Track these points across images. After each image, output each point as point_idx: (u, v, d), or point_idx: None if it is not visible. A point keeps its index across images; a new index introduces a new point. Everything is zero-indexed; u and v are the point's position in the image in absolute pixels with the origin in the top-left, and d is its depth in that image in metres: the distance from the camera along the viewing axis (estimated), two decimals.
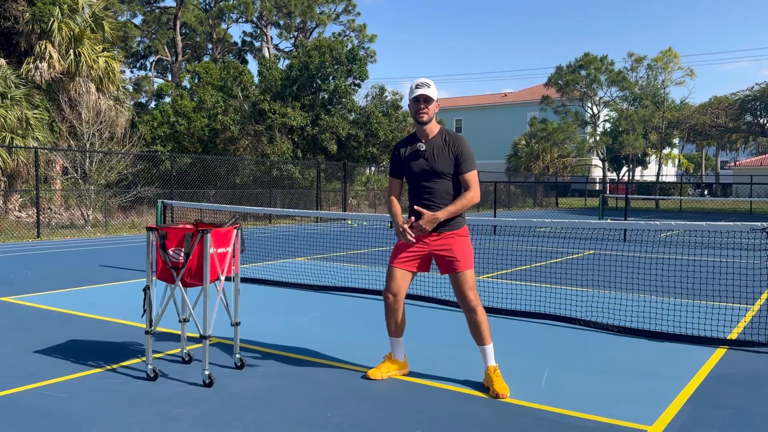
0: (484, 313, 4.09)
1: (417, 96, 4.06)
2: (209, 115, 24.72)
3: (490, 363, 4.08)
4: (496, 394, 3.91)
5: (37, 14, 18.37)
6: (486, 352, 4.09)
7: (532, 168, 43.78)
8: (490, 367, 4.06)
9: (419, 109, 4.07)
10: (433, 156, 4.09)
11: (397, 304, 4.16)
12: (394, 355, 4.33)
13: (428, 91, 4.06)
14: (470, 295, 4.04)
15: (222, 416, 3.56)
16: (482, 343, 4.10)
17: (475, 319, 4.06)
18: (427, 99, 4.06)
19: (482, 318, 4.07)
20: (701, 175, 63.37)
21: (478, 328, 4.07)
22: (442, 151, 4.08)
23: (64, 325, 5.68)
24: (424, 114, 4.07)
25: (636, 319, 6.09)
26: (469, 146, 4.14)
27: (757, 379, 4.34)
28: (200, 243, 4.01)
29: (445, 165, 4.07)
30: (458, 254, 4.05)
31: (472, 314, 4.06)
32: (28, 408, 3.65)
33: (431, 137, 4.14)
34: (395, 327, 4.25)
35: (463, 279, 4.04)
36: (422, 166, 4.10)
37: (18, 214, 17.88)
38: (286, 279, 8.39)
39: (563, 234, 16.54)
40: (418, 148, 4.13)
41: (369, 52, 35.16)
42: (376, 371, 4.26)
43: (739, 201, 36.32)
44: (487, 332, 4.09)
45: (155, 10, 39.64)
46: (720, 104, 45.66)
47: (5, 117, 16.94)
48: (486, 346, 4.09)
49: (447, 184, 4.09)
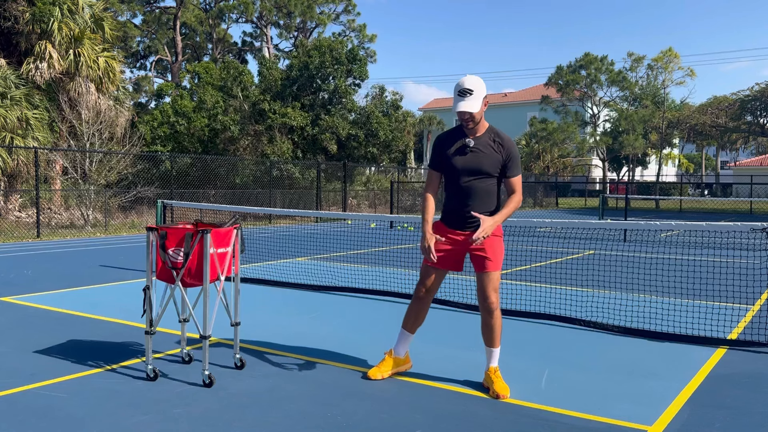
0: (500, 317, 4.07)
1: (459, 112, 3.92)
2: (209, 115, 24.73)
3: (493, 364, 4.08)
4: (497, 394, 3.90)
5: (37, 14, 18.37)
6: (492, 353, 4.09)
7: (533, 168, 43.78)
8: (491, 368, 4.06)
9: (465, 121, 3.96)
10: (481, 153, 3.97)
11: (428, 298, 4.15)
12: (396, 351, 4.30)
13: (469, 104, 3.87)
14: (493, 297, 4.01)
15: (222, 416, 3.56)
16: (492, 345, 4.08)
17: (491, 322, 4.04)
18: (471, 116, 3.92)
19: (498, 322, 4.05)
20: (701, 175, 63.38)
21: (493, 330, 4.06)
22: (492, 150, 3.98)
23: (64, 325, 5.68)
24: (470, 125, 3.97)
25: (636, 319, 6.09)
26: (517, 149, 4.03)
27: (757, 379, 4.34)
28: (200, 243, 4.01)
29: (492, 165, 3.97)
30: (491, 254, 4.00)
31: (489, 317, 4.03)
32: (28, 408, 3.65)
33: (479, 134, 4.02)
34: (414, 321, 4.21)
35: (489, 279, 4.00)
36: (468, 163, 3.98)
37: (18, 214, 17.88)
38: (286, 279, 8.39)
39: (563, 234, 16.53)
40: (467, 144, 4.00)
41: (369, 52, 35.19)
42: (377, 371, 4.25)
43: (739, 201, 36.33)
44: (498, 336, 4.08)
45: (155, 10, 39.64)
46: (720, 104, 45.64)
47: (5, 117, 16.94)
48: (494, 349, 4.08)
49: (488, 184, 4.00)
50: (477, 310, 6.43)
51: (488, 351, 4.11)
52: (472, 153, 3.99)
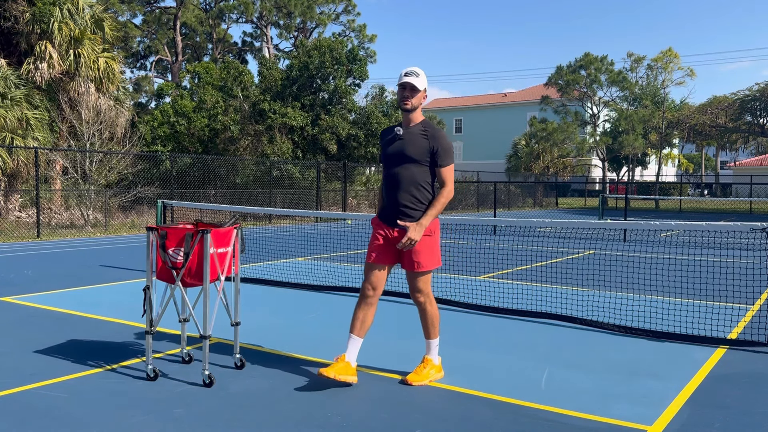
0: (434, 309, 4.19)
1: (403, 83, 4.04)
2: (209, 115, 24.72)
3: (428, 355, 4.23)
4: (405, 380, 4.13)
5: (37, 14, 18.37)
6: (430, 344, 4.23)
7: (532, 168, 43.78)
8: (426, 358, 4.22)
9: (404, 96, 4.06)
10: (410, 141, 4.05)
11: (375, 298, 4.09)
12: (349, 356, 4.05)
13: (415, 80, 4.01)
14: (420, 297, 4.12)
15: (222, 416, 3.56)
16: (429, 336, 4.22)
17: (424, 315, 4.18)
18: (413, 88, 4.03)
19: (432, 313, 4.17)
20: (701, 175, 63.37)
21: (427, 322, 4.18)
22: (420, 138, 4.05)
23: (64, 325, 5.68)
24: (408, 102, 4.05)
25: (636, 319, 6.09)
26: (449, 142, 4.09)
27: (757, 379, 4.34)
28: (200, 243, 4.01)
29: (417, 151, 4.02)
30: (422, 255, 4.03)
31: (423, 312, 4.17)
32: (28, 408, 3.65)
33: (412, 125, 4.11)
34: (362, 323, 4.06)
35: (416, 279, 4.08)
36: (396, 149, 4.07)
37: (18, 214, 17.88)
38: (286, 279, 8.39)
39: (563, 234, 16.53)
40: (397, 133, 4.12)
41: (369, 52, 35.18)
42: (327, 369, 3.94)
43: (739, 201, 36.33)
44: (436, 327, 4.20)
45: (155, 10, 39.64)
46: (720, 104, 45.62)
47: (5, 117, 16.94)
48: (431, 340, 4.22)
49: (417, 172, 4.04)
50: (477, 310, 6.43)
51: (426, 342, 4.25)
52: (400, 140, 4.08)
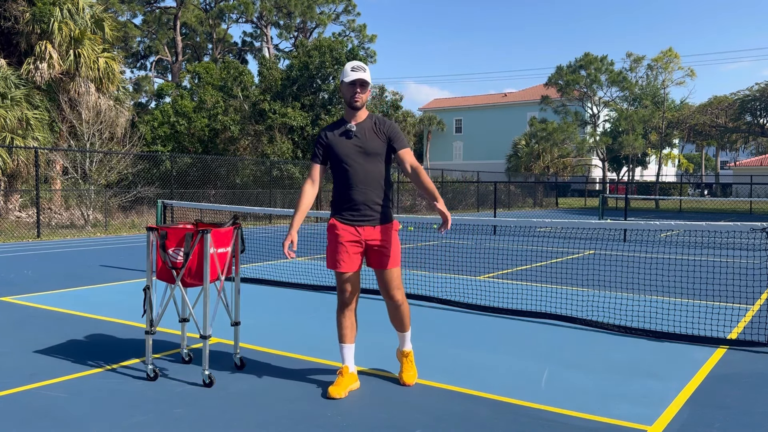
0: (407, 305, 4.14)
1: (354, 80, 3.88)
2: (209, 115, 24.73)
3: (406, 348, 4.22)
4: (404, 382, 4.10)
5: (37, 14, 18.37)
6: (404, 337, 4.21)
7: (532, 168, 43.78)
8: (404, 351, 4.22)
9: (355, 93, 3.93)
10: (364, 136, 3.96)
11: (354, 303, 4.05)
12: (350, 365, 4.03)
13: (365, 75, 3.90)
14: (397, 295, 4.04)
15: (222, 416, 3.56)
16: (402, 330, 4.19)
17: (398, 313, 4.12)
18: (363, 83, 3.91)
19: (404, 310, 4.12)
20: (701, 175, 63.37)
21: (401, 318, 4.13)
22: (374, 132, 3.98)
23: (64, 325, 5.68)
24: (359, 99, 3.94)
25: (636, 319, 6.09)
26: (397, 126, 4.05)
27: (757, 379, 4.34)
28: (200, 243, 4.01)
29: (378, 145, 3.96)
30: (392, 250, 3.99)
31: (396, 310, 4.10)
32: (28, 408, 3.65)
33: (361, 121, 4.01)
34: (350, 332, 4.04)
35: (390, 277, 4.00)
36: (356, 146, 3.95)
37: (18, 214, 17.88)
38: (286, 279, 8.39)
39: (563, 234, 16.53)
40: (349, 129, 3.98)
41: (369, 52, 35.21)
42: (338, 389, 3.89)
43: (739, 201, 36.33)
44: (407, 320, 4.15)
45: (155, 10, 39.66)
46: (720, 104, 45.62)
47: (5, 117, 16.94)
48: (405, 333, 4.20)
49: (381, 167, 3.99)
50: (477, 310, 6.43)
51: (400, 335, 4.22)
52: (356, 137, 3.98)
